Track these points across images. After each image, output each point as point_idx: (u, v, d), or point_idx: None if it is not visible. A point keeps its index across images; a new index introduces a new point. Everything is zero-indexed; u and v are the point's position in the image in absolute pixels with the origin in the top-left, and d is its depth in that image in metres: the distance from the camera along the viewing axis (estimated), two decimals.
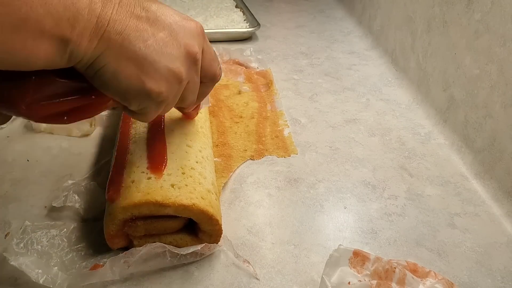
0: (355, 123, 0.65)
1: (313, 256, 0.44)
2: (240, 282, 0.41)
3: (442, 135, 0.63)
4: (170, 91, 0.34)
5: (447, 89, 0.64)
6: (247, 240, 0.45)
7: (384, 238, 0.47)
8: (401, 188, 0.53)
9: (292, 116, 0.66)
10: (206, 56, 0.38)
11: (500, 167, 0.52)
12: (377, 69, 0.81)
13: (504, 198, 0.51)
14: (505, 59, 0.52)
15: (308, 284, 0.41)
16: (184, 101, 0.38)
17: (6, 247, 0.41)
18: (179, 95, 0.36)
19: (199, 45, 0.36)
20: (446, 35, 0.65)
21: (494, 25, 0.54)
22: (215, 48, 0.76)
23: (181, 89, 0.35)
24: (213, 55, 0.39)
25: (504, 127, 0.52)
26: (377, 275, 0.37)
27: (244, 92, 0.69)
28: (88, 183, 0.48)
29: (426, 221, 0.49)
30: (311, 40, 0.92)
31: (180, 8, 0.97)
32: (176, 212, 0.39)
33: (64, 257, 0.41)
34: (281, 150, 0.59)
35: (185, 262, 0.42)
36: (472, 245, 0.46)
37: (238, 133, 0.61)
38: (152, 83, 0.32)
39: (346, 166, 0.57)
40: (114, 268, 0.39)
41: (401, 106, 0.70)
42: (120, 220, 0.39)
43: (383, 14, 0.87)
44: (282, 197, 0.51)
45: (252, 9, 0.97)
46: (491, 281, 0.43)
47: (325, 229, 0.47)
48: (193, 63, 0.35)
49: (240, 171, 0.54)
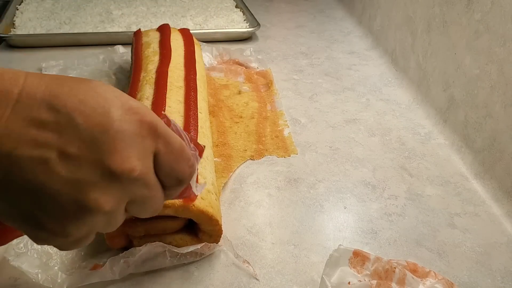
0: (355, 123, 0.65)
1: (313, 256, 0.44)
2: (240, 282, 0.41)
3: (442, 135, 0.63)
4: (80, 228, 0.24)
5: (447, 89, 0.64)
6: (247, 240, 0.45)
7: (384, 238, 0.47)
8: (401, 188, 0.53)
9: (292, 116, 0.66)
10: (166, 157, 0.26)
11: (500, 167, 0.52)
12: (377, 69, 0.81)
13: (504, 198, 0.51)
14: (505, 59, 0.52)
15: (308, 284, 0.41)
16: (141, 215, 0.28)
17: (6, 247, 0.41)
18: (110, 223, 0.26)
19: (143, 151, 0.24)
20: (446, 35, 0.65)
21: (494, 25, 0.54)
22: (215, 48, 0.77)
23: (108, 219, 0.25)
24: (179, 152, 0.27)
25: (504, 127, 0.52)
26: (377, 275, 0.37)
27: (244, 92, 0.69)
28: None
29: (426, 221, 0.49)
30: (311, 40, 0.92)
31: (180, 8, 0.97)
32: (176, 212, 0.39)
33: (64, 257, 0.41)
34: (281, 150, 0.59)
35: (185, 262, 0.42)
36: (472, 245, 0.46)
37: (238, 133, 0.61)
38: (51, 223, 0.23)
39: (346, 166, 0.57)
40: (114, 268, 0.39)
41: (401, 106, 0.70)
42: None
43: (383, 14, 0.87)
44: (282, 197, 0.51)
45: (252, 9, 0.97)
46: (491, 281, 0.43)
47: (325, 229, 0.47)
48: (129, 182, 0.24)
49: (240, 171, 0.54)
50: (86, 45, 0.81)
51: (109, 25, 0.86)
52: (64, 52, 0.78)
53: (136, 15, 0.91)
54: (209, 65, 0.75)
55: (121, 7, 0.94)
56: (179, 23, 0.89)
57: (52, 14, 0.88)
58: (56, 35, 0.81)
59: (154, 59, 0.59)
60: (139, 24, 0.87)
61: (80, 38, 0.81)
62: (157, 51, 0.61)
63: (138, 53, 0.62)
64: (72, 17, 0.88)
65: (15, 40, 0.79)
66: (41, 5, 0.93)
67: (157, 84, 0.53)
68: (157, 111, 0.48)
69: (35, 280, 0.37)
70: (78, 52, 0.78)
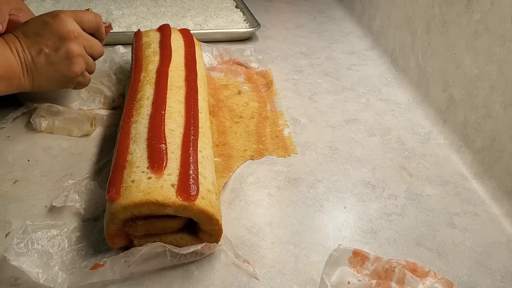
0: (355, 123, 0.65)
1: (313, 256, 0.44)
2: (240, 282, 0.41)
3: (441, 135, 0.63)
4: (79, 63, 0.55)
5: (447, 89, 0.64)
6: (247, 239, 0.45)
7: (384, 237, 0.47)
8: (400, 188, 0.53)
9: (292, 116, 0.66)
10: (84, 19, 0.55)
11: (499, 167, 0.52)
12: (376, 69, 0.81)
13: (503, 198, 0.51)
14: (504, 59, 0.53)
15: (307, 283, 0.41)
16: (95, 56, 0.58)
17: (7, 247, 0.41)
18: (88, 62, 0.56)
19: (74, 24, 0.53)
20: (445, 35, 0.65)
21: (494, 25, 0.55)
22: (215, 48, 0.77)
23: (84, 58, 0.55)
24: (85, 16, 0.55)
25: (503, 127, 0.52)
26: (376, 275, 0.37)
27: (244, 92, 0.69)
28: (89, 182, 0.49)
29: (425, 221, 0.49)
30: (311, 40, 0.92)
31: (180, 9, 0.97)
32: (177, 212, 0.39)
33: (65, 257, 0.41)
34: (281, 150, 0.59)
35: (185, 262, 0.42)
36: (471, 244, 0.46)
37: (238, 133, 0.61)
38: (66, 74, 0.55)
39: (346, 166, 0.57)
40: (114, 267, 0.39)
41: (401, 106, 0.70)
42: (120, 220, 0.39)
43: (383, 14, 0.87)
44: (282, 197, 0.51)
45: (252, 9, 0.97)
46: (490, 280, 0.43)
47: (325, 229, 0.47)
48: (78, 38, 0.54)
49: (240, 171, 0.55)
50: None
51: None
52: None
53: (136, 15, 0.91)
54: (209, 65, 0.76)
55: (122, 8, 0.94)
56: (179, 23, 0.89)
57: None
58: None
59: (154, 59, 0.59)
60: (139, 25, 0.87)
61: None
62: (158, 51, 0.61)
63: (138, 53, 0.62)
64: None
65: None
66: (42, 5, 0.93)
67: (157, 84, 0.53)
68: (157, 111, 0.48)
69: (35, 279, 0.37)
70: None
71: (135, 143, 0.45)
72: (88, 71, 0.57)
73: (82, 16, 0.55)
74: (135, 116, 0.49)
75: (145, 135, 0.46)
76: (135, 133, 0.46)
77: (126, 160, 0.43)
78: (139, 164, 0.42)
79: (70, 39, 0.52)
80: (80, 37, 0.54)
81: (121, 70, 0.70)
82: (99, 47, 0.57)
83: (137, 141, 0.45)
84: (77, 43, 0.53)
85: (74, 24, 0.53)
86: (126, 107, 0.51)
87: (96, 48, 0.57)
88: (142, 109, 0.50)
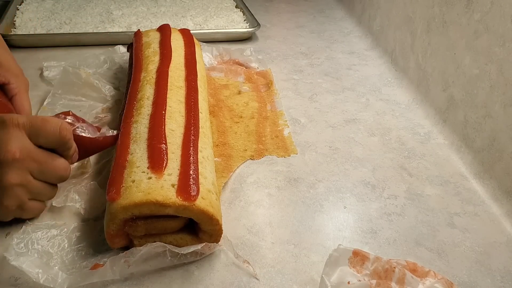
0: (355, 123, 0.65)
1: (312, 256, 0.44)
2: (240, 282, 0.41)
3: (441, 135, 0.63)
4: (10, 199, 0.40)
5: (447, 89, 0.64)
6: (247, 239, 0.45)
7: (384, 237, 0.47)
8: (400, 188, 0.53)
9: (292, 116, 0.66)
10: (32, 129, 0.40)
11: (499, 166, 0.52)
12: (376, 69, 0.81)
13: (503, 198, 0.51)
14: (504, 59, 0.53)
15: (307, 283, 0.41)
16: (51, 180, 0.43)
17: (7, 247, 0.41)
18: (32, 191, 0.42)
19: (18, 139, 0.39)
20: (445, 35, 0.65)
21: (494, 25, 0.55)
22: (215, 48, 0.77)
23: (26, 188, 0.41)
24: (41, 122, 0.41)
25: (503, 127, 0.52)
26: (376, 275, 0.37)
27: (244, 92, 0.69)
28: (89, 182, 0.49)
29: (425, 221, 0.49)
30: (311, 40, 0.92)
31: (180, 9, 0.97)
32: (177, 212, 0.39)
33: (65, 257, 0.41)
34: (281, 150, 0.59)
35: (185, 262, 0.42)
36: (471, 244, 0.46)
37: (238, 133, 0.61)
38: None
39: (346, 166, 0.57)
40: (114, 267, 0.39)
41: (401, 106, 0.70)
42: (120, 220, 0.39)
43: (383, 14, 0.87)
44: (282, 197, 0.51)
45: (252, 9, 0.97)
46: (490, 280, 0.43)
47: (325, 229, 0.47)
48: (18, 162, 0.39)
49: (240, 171, 0.55)
50: (86, 45, 0.81)
51: (109, 25, 0.86)
52: (65, 52, 0.78)
53: (136, 15, 0.91)
54: (209, 65, 0.76)
55: (122, 7, 0.94)
56: (179, 23, 0.89)
57: (52, 14, 0.89)
58: (57, 35, 0.81)
59: (154, 59, 0.59)
60: (139, 24, 0.87)
61: (81, 38, 0.81)
62: (158, 51, 0.61)
63: (138, 53, 0.62)
64: (73, 17, 0.88)
65: (15, 40, 0.79)
66: (42, 5, 0.93)
67: (157, 84, 0.53)
68: (158, 111, 0.48)
69: (35, 279, 0.37)
70: (78, 52, 0.78)
71: (135, 143, 0.45)
72: (37, 199, 0.43)
73: (39, 127, 0.40)
74: (135, 116, 0.49)
75: (145, 135, 0.46)
76: (136, 133, 0.46)
77: (126, 160, 0.43)
78: (140, 164, 0.42)
79: (6, 163, 0.38)
80: (26, 159, 0.39)
81: (121, 70, 0.70)
82: (57, 170, 0.42)
83: (137, 141, 0.45)
84: (16, 168, 0.39)
85: (19, 141, 0.39)
86: (126, 107, 0.51)
87: (53, 172, 0.42)
88: (143, 109, 0.50)
